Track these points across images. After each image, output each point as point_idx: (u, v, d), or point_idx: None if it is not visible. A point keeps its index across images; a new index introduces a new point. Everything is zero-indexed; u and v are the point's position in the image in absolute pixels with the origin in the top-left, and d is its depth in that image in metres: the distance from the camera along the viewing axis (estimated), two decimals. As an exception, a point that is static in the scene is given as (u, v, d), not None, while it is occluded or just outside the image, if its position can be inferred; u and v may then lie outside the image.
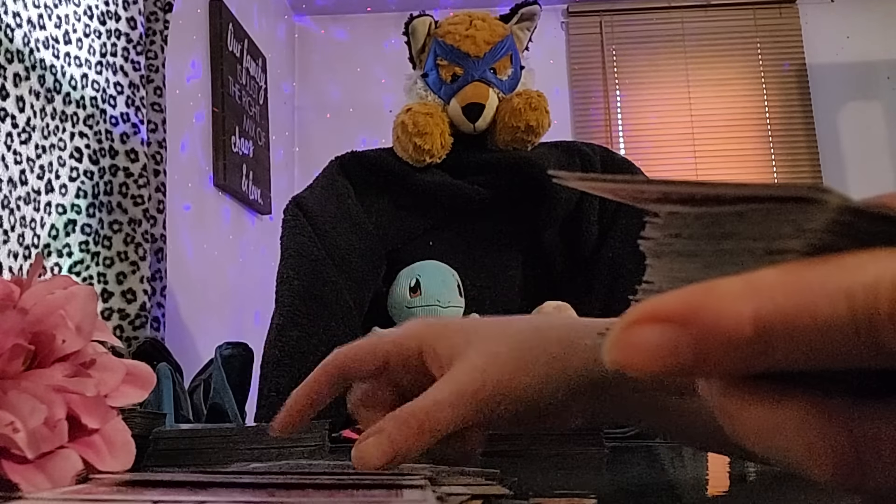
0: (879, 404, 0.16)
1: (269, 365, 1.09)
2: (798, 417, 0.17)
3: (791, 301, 0.15)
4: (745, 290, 0.16)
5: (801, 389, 0.17)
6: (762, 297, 0.15)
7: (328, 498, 0.27)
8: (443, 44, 1.29)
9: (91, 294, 0.37)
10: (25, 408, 0.31)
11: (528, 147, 1.29)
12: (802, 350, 0.15)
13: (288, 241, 1.18)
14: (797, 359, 0.15)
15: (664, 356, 0.16)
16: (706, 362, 0.16)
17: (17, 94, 1.28)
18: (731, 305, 0.15)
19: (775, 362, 0.16)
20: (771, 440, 0.17)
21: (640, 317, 0.16)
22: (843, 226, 0.16)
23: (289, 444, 0.57)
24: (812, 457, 0.16)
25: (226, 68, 2.32)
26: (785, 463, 0.17)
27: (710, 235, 0.18)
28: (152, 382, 0.39)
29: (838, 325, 0.15)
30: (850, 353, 0.15)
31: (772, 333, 0.15)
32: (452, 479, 0.34)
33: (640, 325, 0.16)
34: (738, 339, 0.15)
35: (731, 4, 3.26)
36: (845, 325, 0.15)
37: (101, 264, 1.50)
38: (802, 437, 0.16)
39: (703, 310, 0.16)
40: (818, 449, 0.16)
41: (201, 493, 0.28)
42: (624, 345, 0.16)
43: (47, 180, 1.37)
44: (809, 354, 0.15)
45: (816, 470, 0.16)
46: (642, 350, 0.16)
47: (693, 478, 0.48)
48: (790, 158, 3.14)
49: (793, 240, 0.16)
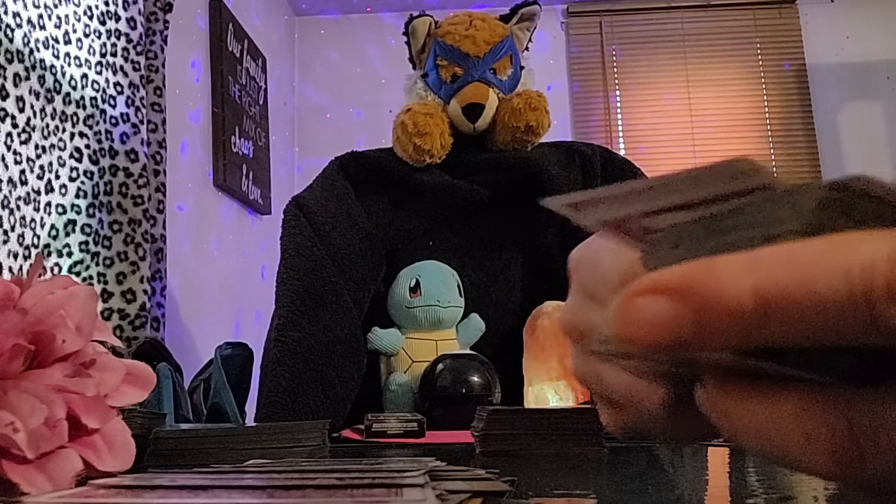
0: (876, 392, 0.16)
1: (269, 365, 1.09)
2: (796, 407, 0.17)
3: (790, 276, 0.15)
4: (745, 265, 0.16)
5: (798, 381, 0.17)
6: (762, 271, 0.16)
7: (328, 498, 0.27)
8: (443, 44, 1.29)
9: (91, 294, 0.37)
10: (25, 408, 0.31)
11: (528, 147, 1.29)
12: (801, 325, 0.15)
13: (288, 241, 1.17)
14: (796, 333, 0.16)
15: (665, 329, 0.16)
16: (706, 335, 0.16)
17: (17, 94, 1.28)
18: (731, 279, 0.16)
19: (774, 337, 0.16)
20: (769, 434, 0.17)
21: (641, 289, 0.17)
22: (835, 202, 0.16)
23: (289, 444, 0.57)
24: (811, 446, 0.16)
25: (226, 68, 2.32)
26: (783, 458, 0.17)
27: (712, 232, 0.18)
28: (152, 382, 0.39)
29: (836, 301, 0.15)
30: (847, 329, 0.15)
31: (771, 307, 0.15)
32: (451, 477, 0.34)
33: (642, 296, 0.16)
34: (739, 313, 0.16)
35: (731, 4, 3.26)
36: (843, 301, 0.15)
37: (101, 264, 1.50)
38: (800, 427, 0.17)
39: (704, 283, 0.16)
40: (817, 438, 0.16)
41: (201, 495, 0.28)
42: (626, 317, 0.17)
43: (47, 180, 1.37)
44: (808, 329, 0.15)
45: (815, 460, 0.17)
46: (645, 322, 0.16)
47: (693, 478, 0.48)
48: (790, 158, 3.14)
49: (789, 223, 0.17)
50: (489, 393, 1.04)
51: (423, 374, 1.09)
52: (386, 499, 0.26)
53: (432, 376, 1.07)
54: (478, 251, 1.27)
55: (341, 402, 1.08)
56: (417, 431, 0.78)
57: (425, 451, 0.67)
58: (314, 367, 1.06)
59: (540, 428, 0.62)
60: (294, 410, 1.03)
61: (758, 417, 0.17)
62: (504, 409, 0.63)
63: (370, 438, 0.78)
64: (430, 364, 1.09)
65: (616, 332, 0.17)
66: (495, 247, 1.28)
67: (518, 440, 0.61)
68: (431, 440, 0.79)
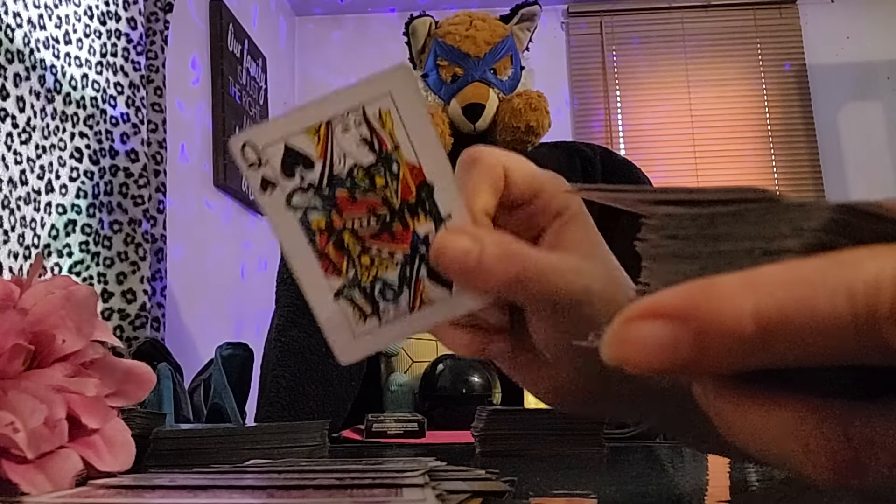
0: (875, 405, 0.16)
1: (270, 365, 1.09)
2: (794, 420, 0.16)
3: (791, 297, 0.15)
4: (745, 286, 0.15)
5: (795, 391, 0.17)
6: (762, 292, 0.15)
7: (328, 498, 0.27)
8: (443, 44, 1.29)
9: (91, 294, 0.37)
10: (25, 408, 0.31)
11: (529, 147, 1.29)
12: (803, 347, 0.15)
13: (288, 242, 1.17)
14: (797, 355, 0.15)
15: (664, 352, 0.16)
16: (706, 358, 0.16)
17: (18, 94, 1.28)
18: (731, 301, 0.15)
19: (775, 359, 0.15)
20: (767, 443, 0.17)
21: (639, 313, 0.16)
22: (840, 224, 0.15)
23: (289, 444, 0.57)
24: (809, 458, 0.16)
25: (226, 68, 2.32)
26: (782, 465, 0.17)
27: (707, 237, 0.18)
28: (152, 382, 0.39)
29: (839, 322, 0.14)
30: (850, 350, 0.15)
31: (772, 329, 0.15)
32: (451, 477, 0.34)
33: (640, 321, 0.16)
34: (739, 335, 0.15)
35: (731, 4, 3.26)
36: (846, 322, 0.14)
37: (102, 264, 1.50)
38: (799, 440, 0.16)
39: (703, 305, 0.16)
40: (815, 451, 0.16)
41: (201, 495, 0.28)
42: (623, 341, 0.16)
43: (47, 180, 1.37)
44: (809, 351, 0.15)
45: (814, 471, 0.16)
46: (642, 346, 0.16)
47: (693, 478, 0.48)
48: (790, 159, 3.14)
49: (790, 239, 0.16)
50: (489, 393, 1.05)
51: (424, 375, 1.09)
52: (386, 499, 0.26)
53: (432, 376, 1.07)
54: (478, 251, 1.27)
55: (341, 402, 1.08)
56: (417, 431, 0.78)
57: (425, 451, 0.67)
58: (314, 367, 1.06)
59: (540, 428, 0.62)
60: (294, 410, 1.03)
61: (754, 423, 0.17)
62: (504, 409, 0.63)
63: (370, 438, 0.78)
64: (431, 364, 1.09)
65: (613, 354, 0.16)
66: (495, 247, 1.28)
67: (518, 440, 0.61)
68: (431, 440, 0.79)
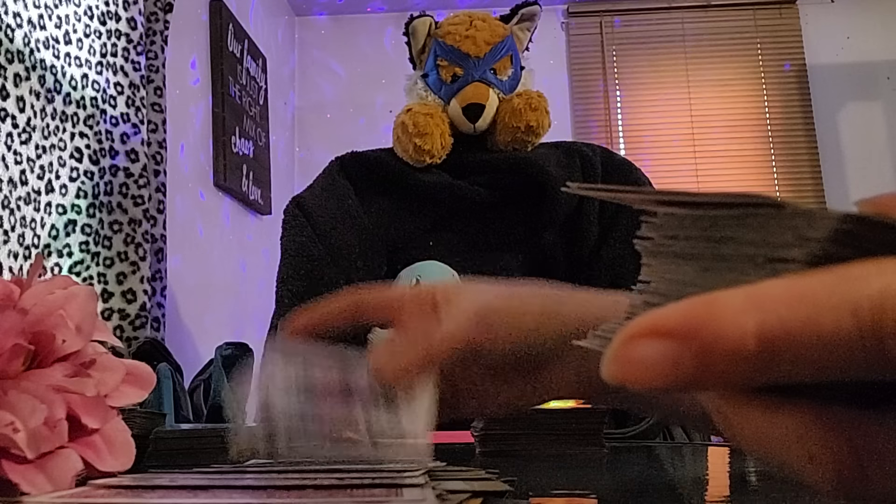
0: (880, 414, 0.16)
1: (269, 365, 1.09)
2: (798, 427, 0.16)
3: (795, 315, 0.15)
4: (747, 304, 0.15)
5: (799, 397, 0.17)
6: (766, 310, 0.15)
7: (328, 498, 0.27)
8: (443, 44, 1.29)
9: (91, 294, 0.37)
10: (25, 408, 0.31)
11: (529, 147, 1.29)
12: (807, 364, 0.15)
13: (288, 241, 1.17)
14: (801, 373, 0.15)
15: (665, 371, 0.15)
16: (708, 377, 0.15)
17: (18, 94, 1.28)
18: (733, 319, 0.15)
19: (779, 376, 0.15)
20: (771, 449, 0.17)
21: (640, 331, 0.16)
22: (846, 234, 0.15)
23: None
24: (814, 466, 0.16)
25: (226, 68, 2.33)
26: (786, 469, 0.17)
27: (708, 239, 0.18)
28: (152, 382, 0.39)
29: (844, 340, 0.14)
30: (855, 367, 0.14)
31: (776, 348, 0.15)
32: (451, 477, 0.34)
33: (641, 340, 0.16)
34: (742, 354, 0.15)
35: (731, 5, 3.26)
36: (851, 340, 0.14)
37: (102, 264, 1.51)
38: (803, 448, 0.16)
39: (705, 324, 0.15)
40: (819, 458, 0.16)
41: (201, 495, 0.28)
42: (624, 359, 0.16)
43: (47, 180, 1.37)
44: (814, 368, 0.15)
45: (819, 479, 0.16)
46: (643, 365, 0.16)
47: (693, 478, 0.48)
48: (790, 159, 3.14)
49: (794, 249, 0.16)
50: (489, 393, 1.04)
51: (424, 375, 1.09)
52: (386, 499, 0.26)
53: (432, 376, 1.06)
54: (478, 251, 1.27)
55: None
56: (417, 431, 0.78)
57: (425, 452, 0.67)
58: (314, 367, 1.06)
59: (540, 428, 0.62)
60: (294, 410, 1.03)
61: (758, 429, 0.17)
62: (504, 410, 0.63)
63: (370, 438, 0.78)
64: (431, 364, 1.09)
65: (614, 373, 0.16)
66: (495, 247, 1.28)
67: (518, 440, 0.61)
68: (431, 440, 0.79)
